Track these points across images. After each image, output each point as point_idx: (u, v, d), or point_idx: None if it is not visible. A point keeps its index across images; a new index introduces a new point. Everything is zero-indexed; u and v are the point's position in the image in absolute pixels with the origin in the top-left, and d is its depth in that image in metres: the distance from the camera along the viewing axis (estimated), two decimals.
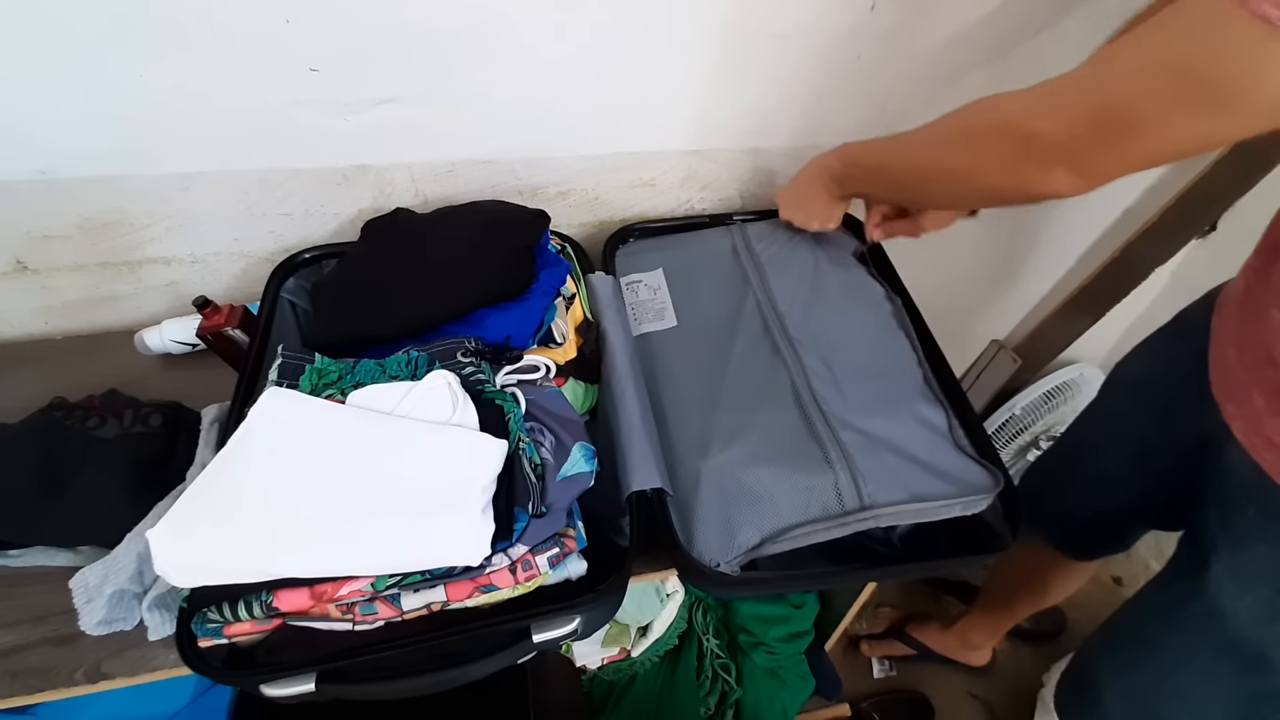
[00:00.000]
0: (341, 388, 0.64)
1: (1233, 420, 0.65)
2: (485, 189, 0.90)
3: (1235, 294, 0.67)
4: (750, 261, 0.88)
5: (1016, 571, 1.16)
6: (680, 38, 0.80)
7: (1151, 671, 0.80)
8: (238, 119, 0.75)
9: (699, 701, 1.13)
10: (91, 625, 0.62)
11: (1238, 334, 0.65)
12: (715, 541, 0.64)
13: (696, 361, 0.78)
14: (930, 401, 0.74)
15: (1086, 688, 0.89)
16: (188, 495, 0.55)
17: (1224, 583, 0.68)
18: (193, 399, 0.76)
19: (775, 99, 0.90)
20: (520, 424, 0.63)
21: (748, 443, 0.69)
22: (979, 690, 1.34)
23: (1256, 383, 0.61)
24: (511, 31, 0.75)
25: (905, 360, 0.78)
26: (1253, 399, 0.62)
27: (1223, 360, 0.67)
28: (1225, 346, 0.67)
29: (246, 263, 0.91)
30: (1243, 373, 0.63)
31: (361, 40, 0.72)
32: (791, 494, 0.65)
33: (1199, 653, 0.73)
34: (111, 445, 0.69)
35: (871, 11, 0.82)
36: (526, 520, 0.58)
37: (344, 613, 0.55)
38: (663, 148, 0.92)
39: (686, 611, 1.14)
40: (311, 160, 0.81)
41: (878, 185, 0.77)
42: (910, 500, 0.65)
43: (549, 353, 0.73)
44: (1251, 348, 0.62)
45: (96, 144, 0.74)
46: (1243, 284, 0.66)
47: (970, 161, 0.59)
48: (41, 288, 0.86)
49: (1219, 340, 0.69)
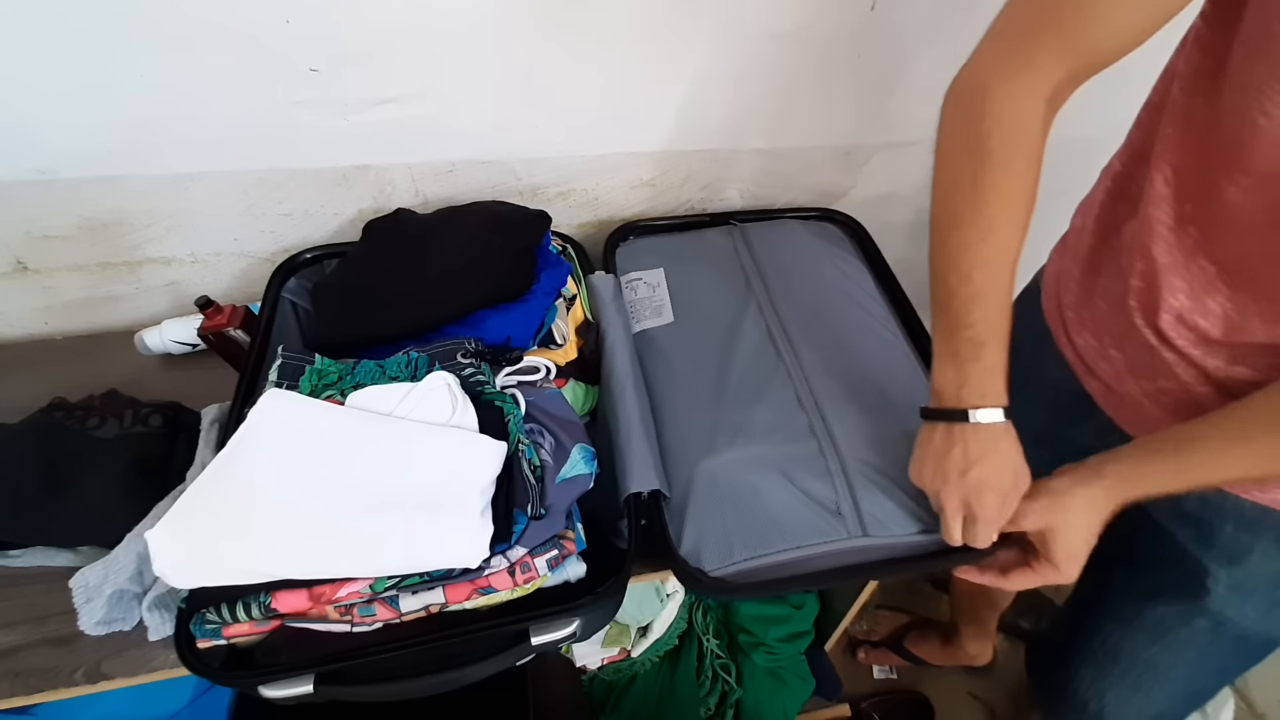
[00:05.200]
0: (341, 388, 0.64)
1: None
2: (485, 189, 0.90)
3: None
4: (751, 263, 0.88)
5: (968, 583, 1.16)
6: (680, 38, 0.80)
7: (1162, 687, 0.78)
8: (238, 119, 0.75)
9: (699, 702, 1.13)
10: (91, 625, 0.62)
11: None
12: (712, 549, 0.63)
13: (697, 361, 0.78)
14: None
15: (1091, 717, 0.86)
16: (187, 496, 0.55)
17: (1228, 597, 0.67)
18: (193, 399, 0.76)
19: (775, 99, 0.90)
20: (520, 425, 0.63)
21: (748, 446, 0.68)
22: (979, 690, 1.34)
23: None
24: (511, 31, 0.74)
25: (907, 365, 0.78)
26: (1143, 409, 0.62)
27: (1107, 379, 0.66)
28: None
29: (246, 263, 0.91)
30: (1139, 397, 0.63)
31: (361, 40, 0.72)
32: (791, 513, 0.64)
33: (1210, 656, 0.73)
34: (111, 445, 0.69)
35: (871, 11, 0.82)
36: (525, 522, 0.58)
37: (342, 614, 0.55)
38: (663, 148, 0.92)
39: (686, 611, 1.14)
40: (311, 160, 0.81)
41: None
42: (912, 534, 0.64)
43: (549, 354, 0.73)
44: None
45: (96, 144, 0.74)
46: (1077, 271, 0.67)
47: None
48: (41, 288, 0.86)
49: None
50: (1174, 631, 0.73)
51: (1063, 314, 0.70)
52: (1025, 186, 0.52)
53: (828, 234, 0.95)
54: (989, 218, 0.52)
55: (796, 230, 0.94)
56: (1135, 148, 0.61)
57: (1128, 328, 0.61)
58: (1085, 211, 0.68)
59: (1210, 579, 0.66)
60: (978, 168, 0.52)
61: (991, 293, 0.53)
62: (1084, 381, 0.69)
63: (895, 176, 1.06)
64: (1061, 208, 0.75)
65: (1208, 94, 0.50)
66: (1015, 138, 0.51)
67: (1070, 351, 0.70)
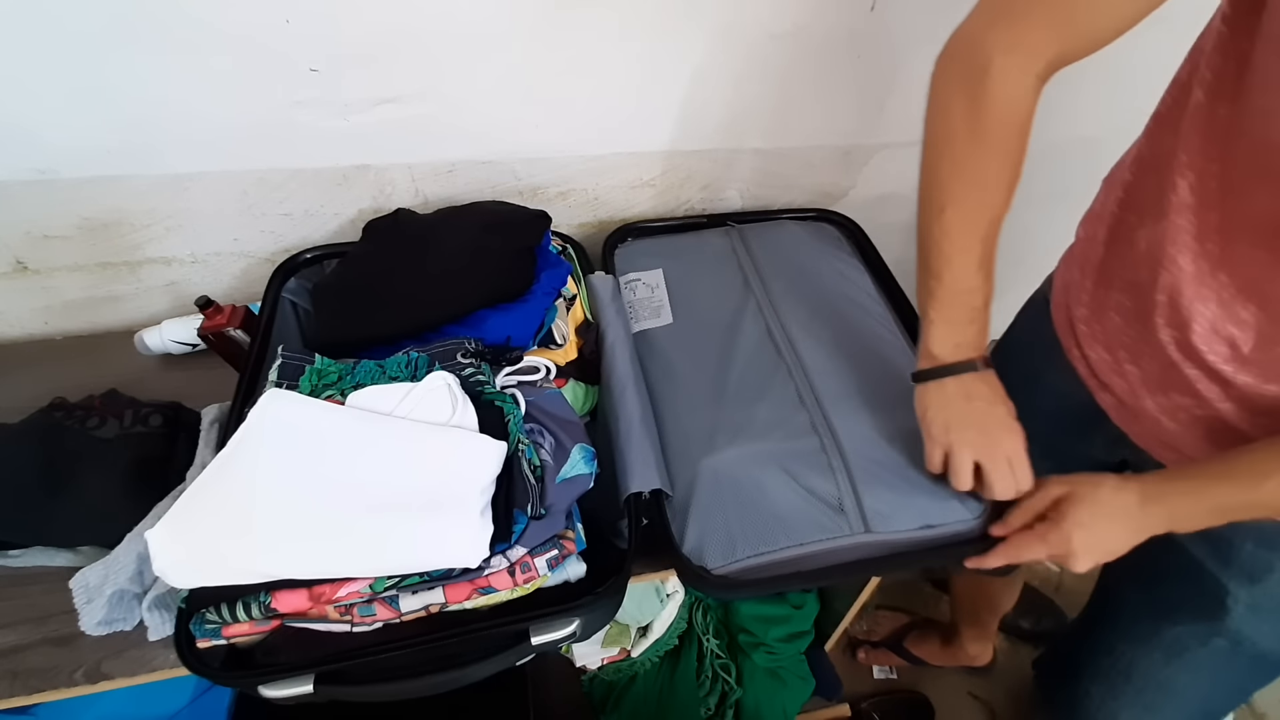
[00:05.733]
0: (341, 388, 0.64)
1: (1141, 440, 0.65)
2: (485, 189, 0.90)
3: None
4: (749, 263, 0.88)
5: (969, 585, 1.17)
6: (680, 38, 0.80)
7: (1178, 709, 0.77)
8: (238, 119, 0.75)
9: (699, 702, 1.13)
10: (91, 625, 0.62)
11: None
12: (715, 547, 0.63)
13: (697, 361, 0.78)
14: None
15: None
16: (187, 496, 0.55)
17: (1247, 616, 0.66)
18: (193, 399, 0.76)
19: (775, 99, 0.90)
20: (520, 425, 0.63)
21: (750, 444, 0.68)
22: (979, 690, 1.34)
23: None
24: (511, 31, 0.74)
25: (906, 362, 0.78)
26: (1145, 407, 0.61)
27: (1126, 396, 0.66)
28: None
29: (246, 263, 0.91)
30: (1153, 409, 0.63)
31: (361, 41, 0.72)
32: (794, 510, 0.64)
33: (1227, 674, 0.72)
34: (111, 445, 0.69)
35: (871, 11, 0.82)
36: (525, 522, 0.58)
37: (342, 614, 0.55)
38: (662, 148, 0.92)
39: (686, 612, 1.14)
40: (311, 160, 0.81)
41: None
42: (914, 529, 0.64)
43: (549, 354, 0.73)
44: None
45: (96, 144, 0.75)
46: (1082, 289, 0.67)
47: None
48: (41, 288, 0.86)
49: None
50: (1190, 651, 0.72)
51: (1074, 326, 0.69)
52: (1017, 164, 0.55)
53: (825, 234, 0.95)
54: (982, 195, 0.56)
55: (794, 231, 0.94)
56: (1146, 158, 0.60)
57: (1143, 342, 0.60)
58: (1094, 222, 0.67)
59: (1230, 598, 0.65)
60: (975, 147, 0.54)
61: (985, 262, 0.58)
62: (1096, 395, 0.68)
63: (895, 176, 1.06)
64: (1061, 210, 0.75)
65: (1232, 98, 0.49)
66: (1013, 117, 0.53)
67: (1082, 365, 0.69)
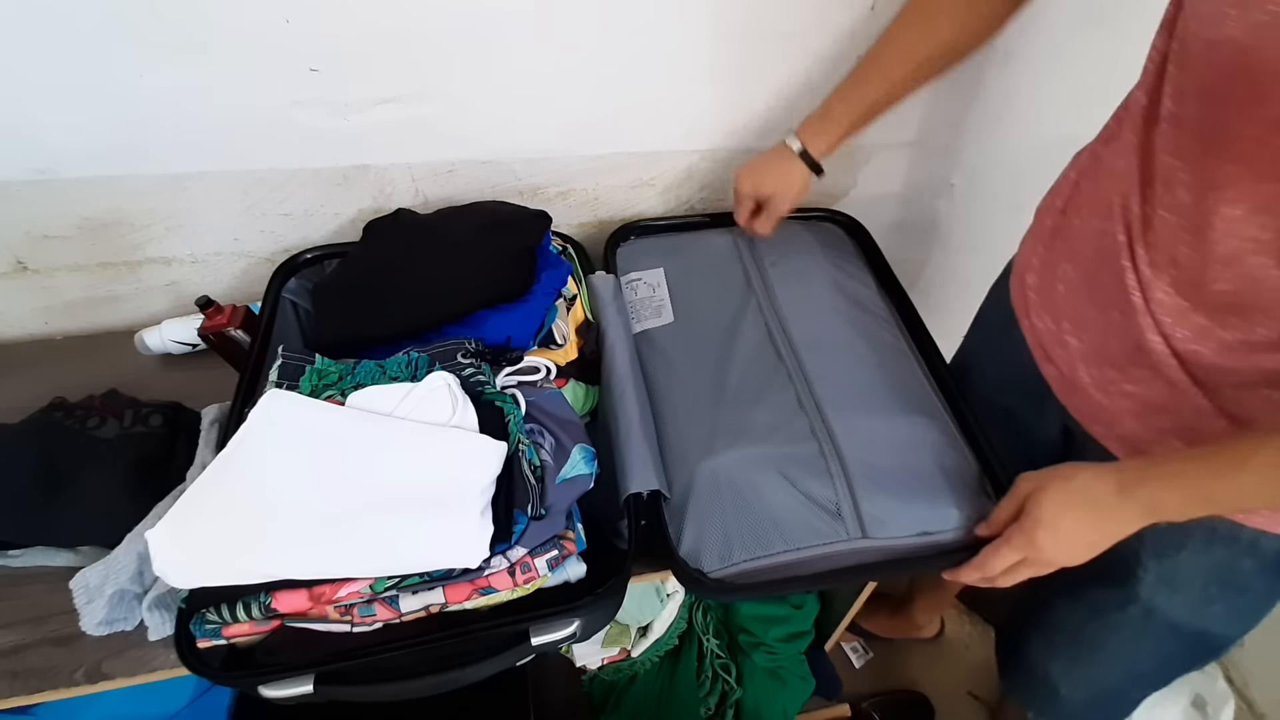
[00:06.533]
0: (341, 388, 0.64)
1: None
2: (485, 189, 0.90)
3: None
4: (751, 263, 0.88)
5: None
6: (680, 38, 0.80)
7: (1102, 664, 0.81)
8: (238, 119, 0.75)
9: (699, 702, 1.13)
10: (92, 625, 0.62)
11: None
12: (712, 550, 0.63)
13: (697, 362, 0.78)
14: (931, 415, 0.73)
15: (1041, 685, 0.90)
16: (187, 496, 0.55)
17: (1156, 588, 0.69)
18: (193, 399, 0.76)
19: (775, 99, 0.90)
20: (520, 426, 0.63)
21: (749, 447, 0.68)
22: (979, 690, 1.34)
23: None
24: (512, 31, 0.74)
25: (908, 366, 0.78)
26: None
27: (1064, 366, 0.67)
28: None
29: (246, 263, 0.91)
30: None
31: (361, 40, 0.72)
32: (791, 514, 0.64)
33: (1144, 641, 0.75)
34: (111, 445, 0.69)
35: (871, 11, 0.82)
36: (525, 522, 0.58)
37: (342, 614, 0.55)
38: (663, 148, 0.92)
39: (686, 611, 1.14)
40: (311, 160, 0.81)
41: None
42: (912, 535, 0.64)
43: (550, 354, 0.73)
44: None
45: (96, 144, 0.75)
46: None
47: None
48: (41, 288, 0.87)
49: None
50: (1109, 613, 0.76)
51: (1026, 295, 0.72)
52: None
53: (828, 234, 0.95)
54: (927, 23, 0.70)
55: (797, 231, 0.93)
56: (1112, 132, 0.62)
57: (1089, 308, 0.62)
58: (1054, 193, 0.70)
59: (1140, 568, 0.69)
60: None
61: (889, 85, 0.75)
62: (1041, 367, 0.70)
63: (895, 176, 1.06)
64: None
65: (1172, 23, 0.51)
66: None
67: (1031, 335, 0.71)
